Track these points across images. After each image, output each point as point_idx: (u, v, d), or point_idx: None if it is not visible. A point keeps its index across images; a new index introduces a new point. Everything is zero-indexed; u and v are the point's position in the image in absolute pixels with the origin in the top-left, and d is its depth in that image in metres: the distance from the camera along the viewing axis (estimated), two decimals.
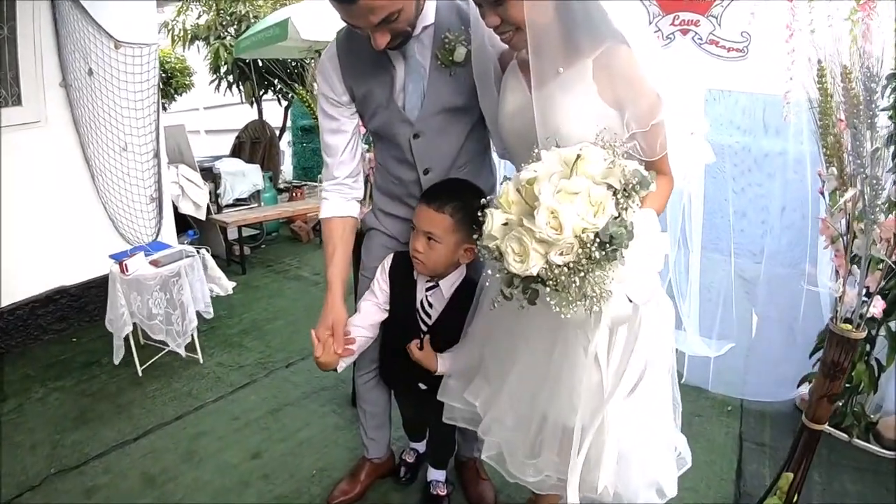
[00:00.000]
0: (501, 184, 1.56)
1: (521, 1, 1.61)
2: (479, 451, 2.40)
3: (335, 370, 2.27)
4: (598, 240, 1.34)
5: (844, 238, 2.40)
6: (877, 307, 2.51)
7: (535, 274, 1.40)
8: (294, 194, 8.21)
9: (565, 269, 1.36)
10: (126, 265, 4.04)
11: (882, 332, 3.11)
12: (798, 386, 3.55)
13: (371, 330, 2.40)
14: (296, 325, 5.09)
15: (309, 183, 8.87)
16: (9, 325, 4.77)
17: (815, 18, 2.98)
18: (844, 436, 3.31)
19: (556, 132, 1.62)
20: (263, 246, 7.63)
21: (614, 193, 1.38)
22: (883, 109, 2.60)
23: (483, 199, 1.60)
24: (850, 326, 2.40)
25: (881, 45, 2.69)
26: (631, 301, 1.50)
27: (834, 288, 2.52)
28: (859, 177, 2.17)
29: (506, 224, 1.47)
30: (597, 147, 1.43)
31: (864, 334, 2.40)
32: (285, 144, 9.94)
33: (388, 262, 2.37)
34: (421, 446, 3.17)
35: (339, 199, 2.28)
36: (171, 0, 8.13)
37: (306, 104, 5.93)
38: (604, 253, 1.35)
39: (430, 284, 2.29)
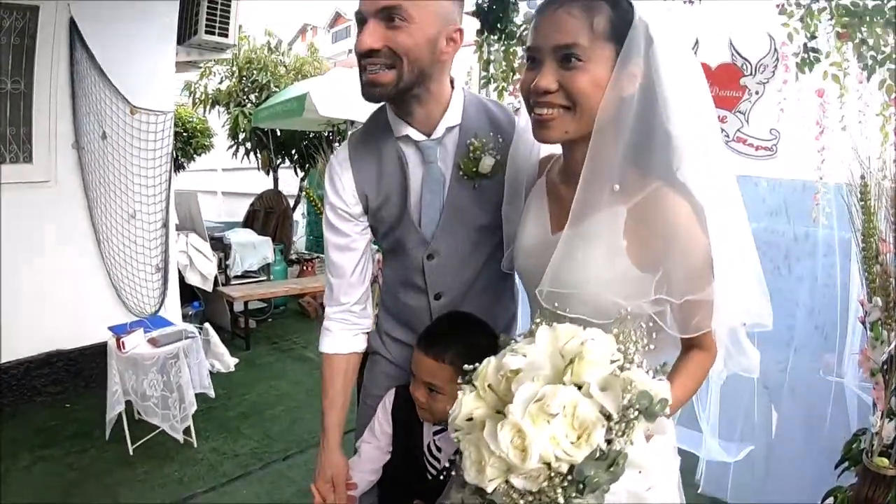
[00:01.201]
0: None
1: (599, 72, 1.29)
2: None
3: None
4: (570, 476, 1.06)
5: (885, 373, 2.27)
6: None
7: (489, 491, 1.12)
8: (305, 267, 8.18)
9: (528, 496, 1.09)
10: (123, 342, 3.91)
11: None
12: (822, 502, 3.36)
13: (373, 473, 2.13)
14: (297, 412, 4.89)
15: (321, 255, 8.77)
16: (2, 384, 4.69)
17: (846, 114, 2.89)
18: None
19: (562, 288, 1.37)
20: (270, 320, 7.55)
21: (608, 418, 1.07)
22: None
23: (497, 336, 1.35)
24: (886, 462, 2.29)
25: None
26: None
27: (872, 421, 2.41)
28: None
29: (470, 420, 1.20)
30: (608, 338, 1.16)
31: None
32: (299, 215, 9.93)
33: (389, 399, 2.08)
34: None
35: (345, 332, 1.97)
36: (192, 66, 8.18)
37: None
38: (574, 495, 1.06)
39: (439, 427, 1.98)
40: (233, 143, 9.48)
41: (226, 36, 6.25)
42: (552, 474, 1.05)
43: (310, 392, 5.23)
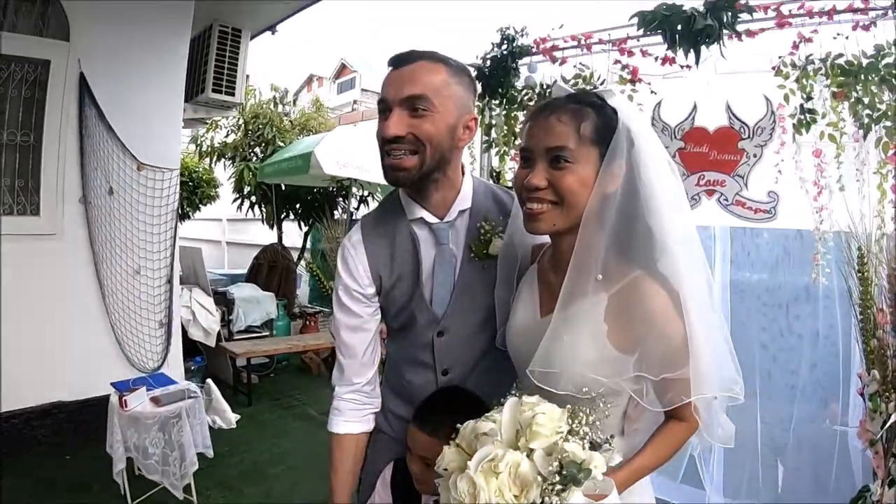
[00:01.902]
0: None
1: (585, 172, 1.46)
2: None
3: None
4: None
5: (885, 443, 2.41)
6: None
7: None
8: (308, 322, 8.27)
9: None
10: (126, 401, 3.93)
11: None
12: None
13: None
14: (299, 472, 4.84)
15: (323, 310, 8.88)
16: (3, 433, 4.72)
17: (844, 174, 2.99)
18: None
19: (551, 368, 1.49)
20: (272, 375, 7.57)
21: (544, 479, 1.27)
22: None
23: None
24: None
25: None
26: None
27: (873, 489, 2.52)
28: None
29: (446, 470, 1.43)
30: (558, 412, 1.34)
31: None
32: (302, 268, 9.97)
33: (388, 472, 2.06)
34: None
35: (355, 413, 1.98)
36: (199, 123, 8.33)
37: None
38: None
39: (436, 498, 2.03)
40: (238, 196, 9.56)
41: (232, 94, 6.43)
42: None
43: (311, 452, 5.18)
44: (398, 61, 1.71)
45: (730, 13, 3.13)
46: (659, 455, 1.48)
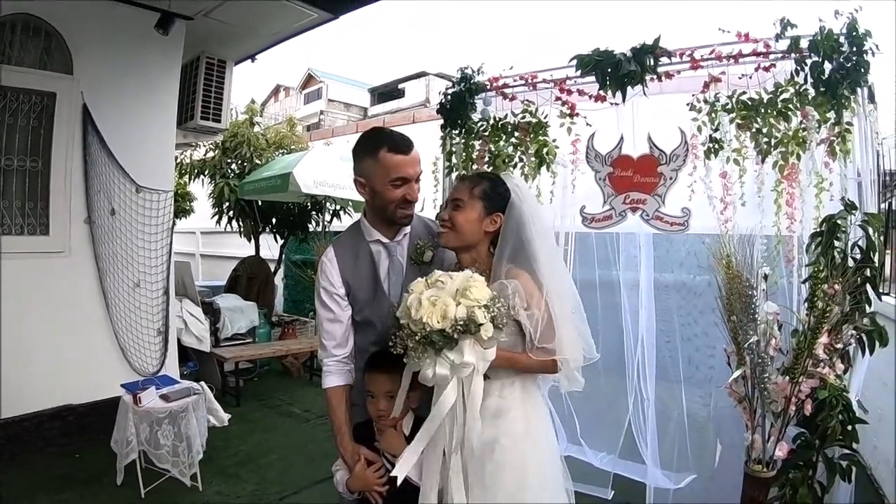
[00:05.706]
0: None
1: (470, 213, 2.42)
2: None
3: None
4: (429, 337, 2.11)
5: (748, 398, 2.99)
6: (782, 450, 2.92)
7: (402, 325, 2.20)
8: (287, 330, 8.72)
9: (411, 334, 2.15)
10: (139, 398, 4.40)
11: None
12: None
13: None
14: (288, 460, 5.32)
15: (300, 318, 9.36)
16: (15, 434, 5.08)
17: (745, 192, 3.44)
18: None
19: None
20: (256, 379, 8.02)
21: (457, 320, 2.09)
22: (808, 265, 3.09)
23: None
24: (760, 467, 2.95)
25: (801, 209, 3.28)
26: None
27: (745, 437, 3.06)
28: (748, 357, 2.87)
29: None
30: (486, 290, 2.16)
31: (772, 473, 2.92)
32: (278, 279, 10.33)
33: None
34: None
35: (338, 372, 2.68)
36: (187, 147, 8.72)
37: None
38: (425, 345, 2.14)
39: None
40: (216, 211, 9.80)
41: (219, 121, 6.91)
42: (424, 328, 2.10)
43: (297, 443, 5.64)
44: (407, 147, 2.53)
45: (651, 58, 3.55)
46: (530, 363, 2.33)
